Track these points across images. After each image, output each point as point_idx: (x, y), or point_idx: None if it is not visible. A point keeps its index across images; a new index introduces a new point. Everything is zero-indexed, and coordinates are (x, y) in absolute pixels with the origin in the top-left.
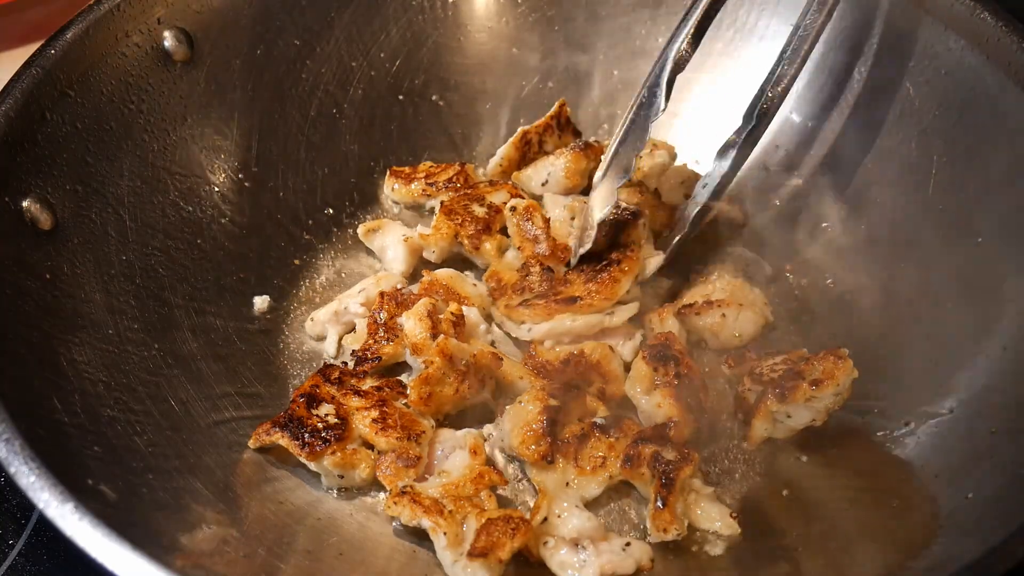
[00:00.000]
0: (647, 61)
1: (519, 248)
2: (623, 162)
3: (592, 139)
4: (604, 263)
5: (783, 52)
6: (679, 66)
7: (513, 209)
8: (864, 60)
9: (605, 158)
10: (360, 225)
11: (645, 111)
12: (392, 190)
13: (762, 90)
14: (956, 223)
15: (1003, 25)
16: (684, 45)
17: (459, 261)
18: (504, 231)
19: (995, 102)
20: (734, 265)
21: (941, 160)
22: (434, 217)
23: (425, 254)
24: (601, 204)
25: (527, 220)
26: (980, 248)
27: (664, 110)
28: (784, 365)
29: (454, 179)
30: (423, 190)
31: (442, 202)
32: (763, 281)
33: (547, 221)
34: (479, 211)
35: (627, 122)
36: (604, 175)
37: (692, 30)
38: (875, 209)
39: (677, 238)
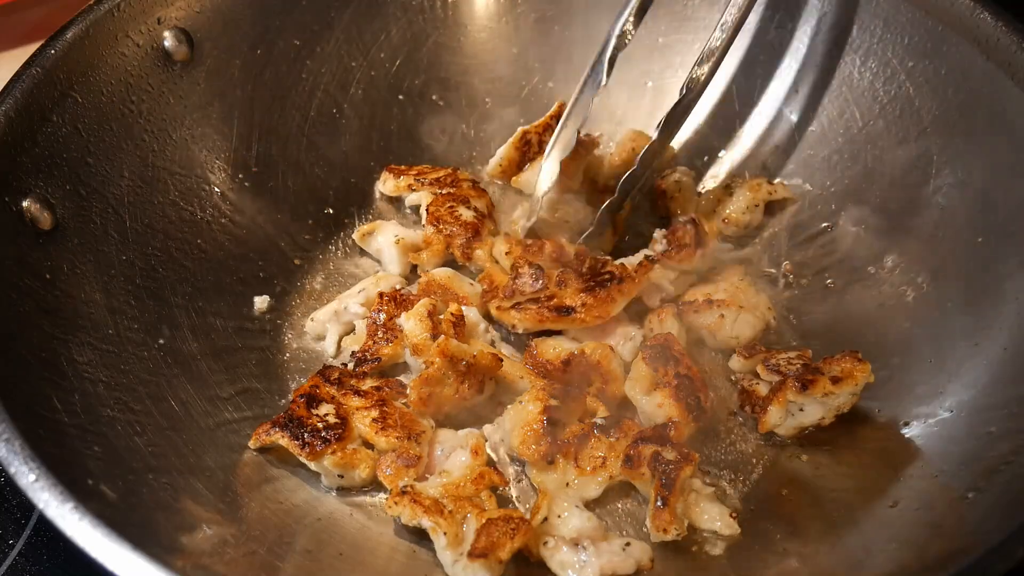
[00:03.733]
0: (646, 61)
1: (507, 253)
2: (566, 137)
3: (583, 134)
4: (604, 277)
5: (712, 33)
6: (620, 45)
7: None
8: (864, 60)
9: (553, 137)
10: (356, 230)
11: (589, 88)
12: (383, 183)
13: (693, 67)
14: (956, 223)
15: (1003, 25)
16: (627, 26)
17: (453, 261)
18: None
19: (995, 102)
20: (743, 268)
21: (941, 160)
22: (420, 216)
23: (419, 269)
24: (547, 179)
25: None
26: (980, 248)
27: (605, 85)
28: (799, 360)
29: (442, 179)
30: (408, 184)
31: (428, 209)
32: (769, 287)
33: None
34: (466, 215)
35: (574, 100)
36: (551, 151)
37: (635, 10)
38: (875, 209)
39: (604, 204)
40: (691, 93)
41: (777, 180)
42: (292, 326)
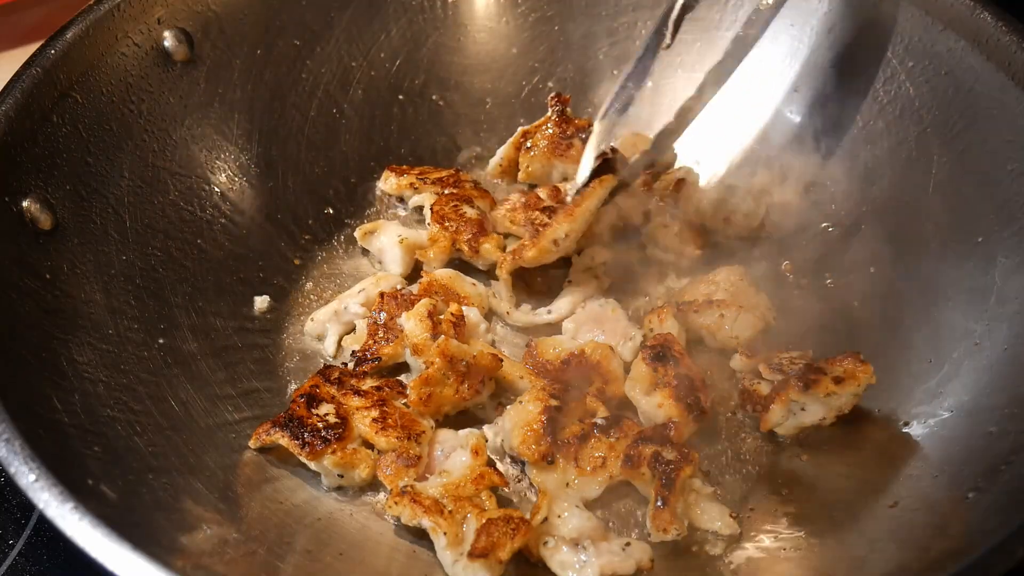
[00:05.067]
0: None
1: (512, 221)
2: (625, 97)
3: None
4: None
5: None
6: (688, 6)
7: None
8: (864, 60)
9: (609, 95)
10: (357, 228)
11: (652, 47)
12: (384, 182)
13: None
14: (956, 223)
15: (1003, 25)
16: None
17: (457, 261)
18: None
19: (995, 102)
20: (743, 268)
21: (941, 160)
22: (424, 215)
23: (424, 267)
24: (601, 139)
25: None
26: (980, 248)
27: (669, 46)
28: (801, 360)
29: (444, 179)
30: (410, 183)
31: (432, 208)
32: (769, 287)
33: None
34: (470, 212)
35: (635, 59)
36: (606, 111)
37: None
38: (874, 209)
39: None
40: None
41: (777, 180)
42: (292, 326)
